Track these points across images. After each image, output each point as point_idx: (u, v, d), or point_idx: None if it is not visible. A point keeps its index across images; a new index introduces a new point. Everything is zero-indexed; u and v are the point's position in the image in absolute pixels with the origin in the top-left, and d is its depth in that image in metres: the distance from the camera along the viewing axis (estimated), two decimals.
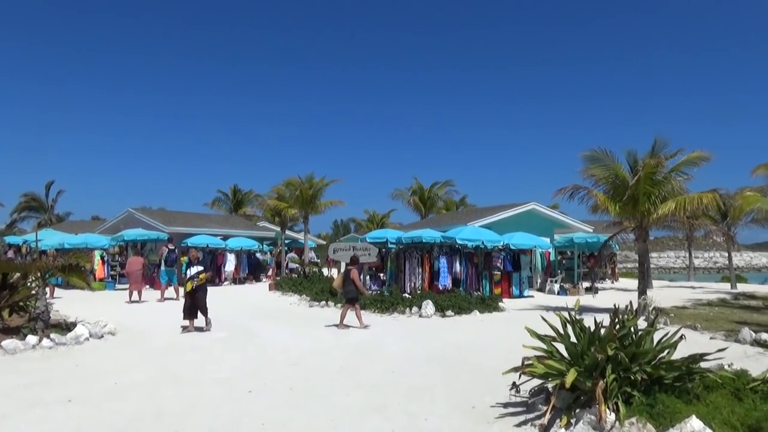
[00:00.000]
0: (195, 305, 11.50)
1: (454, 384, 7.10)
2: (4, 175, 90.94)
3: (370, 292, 18.12)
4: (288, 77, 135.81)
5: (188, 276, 11.54)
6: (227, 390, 6.79)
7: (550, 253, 23.33)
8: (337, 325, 12.15)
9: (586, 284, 22.76)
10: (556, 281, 22.28)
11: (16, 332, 9.83)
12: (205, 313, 11.59)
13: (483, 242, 18.68)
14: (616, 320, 5.70)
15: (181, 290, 18.55)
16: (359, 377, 7.51)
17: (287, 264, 30.37)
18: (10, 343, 9.04)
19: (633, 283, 27.37)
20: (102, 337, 10.38)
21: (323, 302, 16.65)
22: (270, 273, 28.34)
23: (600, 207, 14.87)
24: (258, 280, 28.35)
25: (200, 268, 11.79)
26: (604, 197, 14.59)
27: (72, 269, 10.99)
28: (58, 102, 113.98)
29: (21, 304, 11.03)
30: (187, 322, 11.55)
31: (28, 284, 11.09)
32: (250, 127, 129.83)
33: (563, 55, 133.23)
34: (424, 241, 18.79)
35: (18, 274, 10.87)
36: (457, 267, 18.53)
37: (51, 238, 24.90)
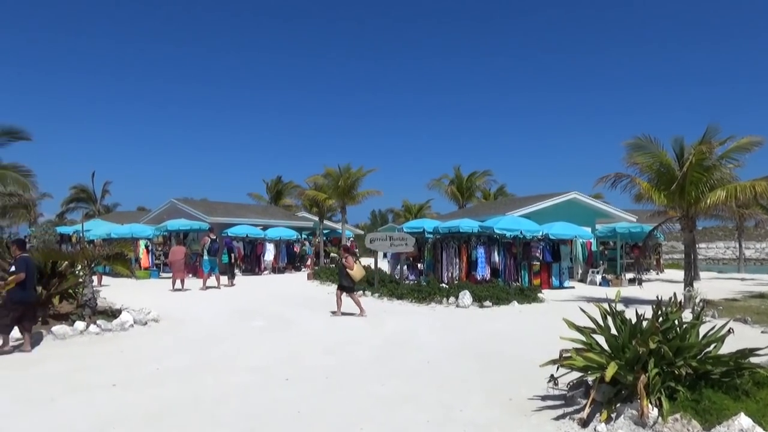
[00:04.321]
0: None
1: (490, 375, 7.00)
2: (53, 167, 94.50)
3: (407, 281, 18.11)
4: (328, 68, 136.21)
5: None
6: (264, 377, 6.87)
7: (591, 243, 22.77)
8: (334, 312, 12.32)
9: (629, 275, 22.15)
10: (597, 272, 21.76)
11: (66, 318, 10.21)
12: None
13: (522, 232, 18.38)
14: (659, 312, 5.49)
15: (223, 279, 19.06)
16: (394, 367, 7.49)
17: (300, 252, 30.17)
18: (60, 328, 9.40)
19: (679, 275, 26.47)
20: (146, 324, 10.68)
21: (360, 292, 16.68)
22: (309, 262, 28.65)
23: (644, 196, 14.38)
24: (297, 269, 28.70)
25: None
26: (648, 186, 14.11)
27: (116, 258, 11.35)
28: (105, 93, 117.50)
29: (70, 291, 11.44)
30: None
31: (76, 272, 11.50)
32: (289, 117, 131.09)
33: (606, 40, 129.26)
34: (461, 230, 18.61)
35: (66, 263, 11.25)
36: (495, 257, 18.30)
37: (99, 228, 25.80)
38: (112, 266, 11.65)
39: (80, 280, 11.19)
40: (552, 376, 5.81)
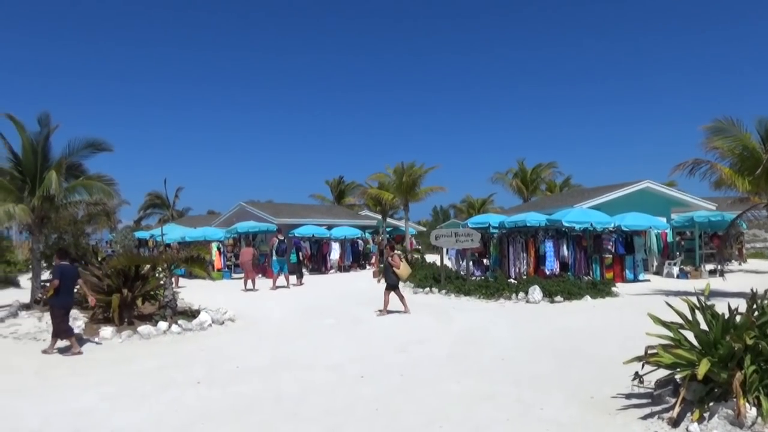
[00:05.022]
0: None
1: (568, 372, 6.82)
2: (130, 175, 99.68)
3: (473, 278, 17.92)
4: (390, 66, 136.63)
5: None
6: (339, 375, 6.98)
7: (666, 233, 21.70)
8: (380, 311, 12.23)
9: (709, 266, 21.00)
10: (674, 264, 20.74)
11: (149, 319, 10.76)
12: None
13: (592, 224, 17.78)
14: (754, 306, 5.17)
15: (292, 279, 19.52)
16: (468, 364, 7.43)
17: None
18: (144, 328, 9.92)
19: (764, 265, 24.97)
20: (223, 323, 11.08)
21: (427, 289, 16.69)
22: (373, 260, 28.87)
23: (725, 182, 13.59)
24: (362, 267, 28.99)
25: None
26: (730, 171, 13.32)
27: (194, 261, 11.85)
28: (171, 100, 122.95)
29: (151, 293, 12.04)
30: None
31: (157, 275, 12.09)
32: (349, 117, 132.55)
33: (679, 22, 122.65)
34: (528, 224, 18.23)
35: (148, 266, 11.84)
36: (565, 251, 17.79)
37: (173, 232, 26.99)
38: (191, 268, 12.16)
39: (161, 282, 11.76)
40: (637, 373, 5.59)
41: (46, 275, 15.41)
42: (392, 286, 12.29)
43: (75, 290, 9.48)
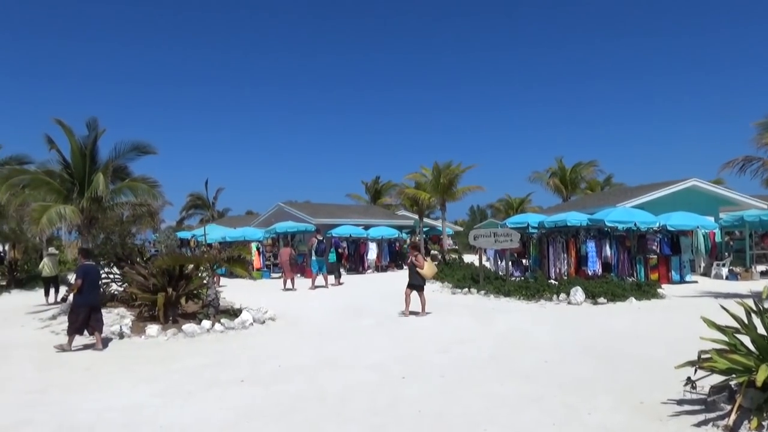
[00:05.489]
0: None
1: (614, 376, 6.65)
2: (171, 176, 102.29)
3: (512, 278, 17.68)
4: (427, 64, 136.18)
5: None
6: (381, 375, 6.98)
7: (715, 233, 20.96)
8: (403, 312, 12.09)
9: (761, 267, 20.21)
10: (723, 265, 20.00)
11: (192, 317, 11.00)
12: None
13: (635, 224, 17.31)
14: None
15: (330, 278, 19.66)
16: (511, 366, 7.32)
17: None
18: (189, 327, 10.14)
19: None
20: (264, 322, 11.23)
21: (465, 289, 16.55)
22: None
23: None
24: (399, 267, 28.95)
25: None
26: None
27: (236, 261, 12.06)
28: (210, 102, 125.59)
29: (194, 292, 12.31)
30: None
31: (200, 274, 12.35)
32: (384, 117, 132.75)
33: (727, 18, 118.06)
34: (569, 224, 17.89)
35: (191, 266, 12.10)
36: (607, 251, 17.37)
37: (214, 233, 27.54)
38: (232, 268, 12.37)
39: (204, 281, 12.00)
40: (689, 378, 5.39)
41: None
42: (417, 287, 12.12)
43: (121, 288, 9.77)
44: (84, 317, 9.03)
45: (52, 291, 16.54)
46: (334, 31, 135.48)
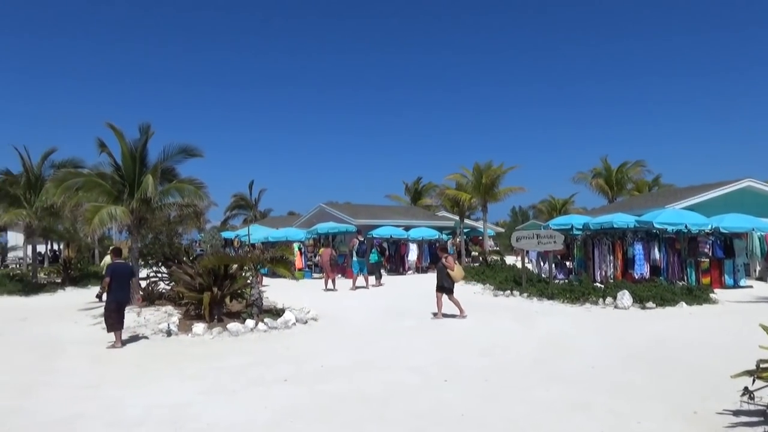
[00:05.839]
0: None
1: (664, 384, 6.42)
2: (215, 176, 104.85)
3: (556, 281, 17.33)
4: (467, 63, 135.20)
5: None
6: (423, 378, 6.94)
7: None
8: (435, 314, 11.94)
9: None
10: None
11: (236, 316, 11.21)
12: None
13: (686, 226, 16.71)
14: None
15: (371, 279, 19.72)
16: (556, 371, 7.17)
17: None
18: (233, 326, 10.34)
19: None
20: (306, 322, 11.35)
21: (507, 291, 16.32)
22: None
23: None
24: None
25: None
26: None
27: (280, 261, 12.23)
28: (251, 104, 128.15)
29: (239, 291, 12.53)
30: None
31: (244, 274, 12.57)
32: (425, 117, 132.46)
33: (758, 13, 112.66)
34: (615, 226, 17.41)
35: (236, 266, 12.34)
36: (656, 254, 16.83)
37: (257, 233, 28.03)
38: (275, 268, 12.55)
39: (248, 281, 12.21)
40: (746, 388, 5.15)
41: (143, 273, 16.46)
42: (447, 290, 11.94)
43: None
44: (117, 314, 9.32)
45: None
46: (380, 30, 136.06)
